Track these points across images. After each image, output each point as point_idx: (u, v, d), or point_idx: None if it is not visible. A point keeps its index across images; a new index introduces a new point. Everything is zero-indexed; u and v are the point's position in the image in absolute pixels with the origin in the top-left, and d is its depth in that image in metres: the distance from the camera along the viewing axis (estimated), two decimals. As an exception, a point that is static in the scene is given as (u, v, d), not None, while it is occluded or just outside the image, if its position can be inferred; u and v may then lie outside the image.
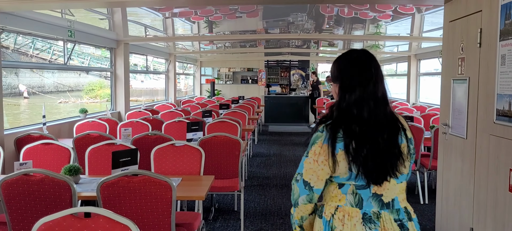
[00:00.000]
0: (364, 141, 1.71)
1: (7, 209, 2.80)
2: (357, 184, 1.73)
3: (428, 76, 11.94)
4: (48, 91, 26.03)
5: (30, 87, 24.27)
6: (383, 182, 1.73)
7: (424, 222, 4.91)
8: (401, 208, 1.78)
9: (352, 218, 1.72)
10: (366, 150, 1.70)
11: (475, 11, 3.48)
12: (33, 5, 4.98)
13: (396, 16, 8.31)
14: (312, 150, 1.78)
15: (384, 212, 1.73)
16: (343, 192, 1.75)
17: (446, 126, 4.02)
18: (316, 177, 1.74)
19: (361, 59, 1.82)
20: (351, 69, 1.80)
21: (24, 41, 18.06)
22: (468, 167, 3.61)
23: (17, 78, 22.06)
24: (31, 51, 21.13)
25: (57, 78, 27.12)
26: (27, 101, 23.30)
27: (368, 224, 1.70)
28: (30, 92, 24.19)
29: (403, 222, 1.75)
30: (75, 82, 28.25)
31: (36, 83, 26.00)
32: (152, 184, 2.72)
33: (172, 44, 11.39)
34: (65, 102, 23.02)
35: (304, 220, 1.85)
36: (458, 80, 3.78)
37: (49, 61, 18.61)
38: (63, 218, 1.91)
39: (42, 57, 22.26)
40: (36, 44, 21.73)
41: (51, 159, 4.01)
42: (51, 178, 2.73)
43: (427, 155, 5.93)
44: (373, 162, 1.70)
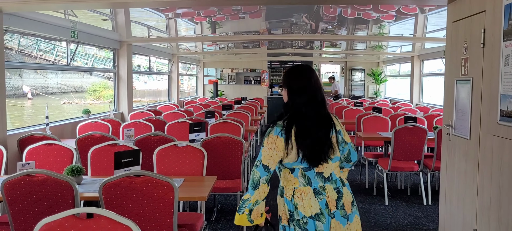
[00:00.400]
0: (309, 133, 2.23)
1: (9, 210, 2.80)
2: (303, 167, 2.26)
3: (432, 77, 11.91)
4: (52, 93, 26.10)
5: (34, 88, 24.35)
6: (321, 164, 2.26)
7: (427, 223, 4.89)
8: (337, 178, 2.33)
9: (306, 195, 2.27)
10: (309, 140, 2.23)
11: (478, 12, 3.46)
12: (36, 6, 5.00)
13: (399, 16, 8.28)
14: (267, 140, 2.27)
15: (327, 184, 2.29)
16: (295, 175, 2.29)
17: (450, 127, 4.00)
18: (272, 161, 2.23)
19: (304, 71, 2.35)
20: (298, 79, 2.32)
21: (28, 42, 18.13)
22: (471, 167, 3.59)
23: (21, 80, 22.13)
24: (35, 53, 21.19)
25: (60, 79, 27.20)
26: (31, 102, 23.38)
27: (318, 195, 2.27)
28: (34, 93, 24.26)
29: (339, 188, 2.32)
30: (79, 84, 28.31)
31: (40, 84, 26.08)
32: (154, 185, 2.72)
33: (175, 45, 11.40)
34: (69, 104, 23.09)
35: (257, 204, 2.29)
36: (462, 80, 3.76)
37: (52, 62, 18.68)
38: (64, 218, 1.91)
39: (46, 58, 22.34)
40: (40, 46, 21.80)
41: (54, 159, 4.01)
42: (53, 179, 2.74)
43: (431, 155, 5.91)
44: (312, 150, 2.23)
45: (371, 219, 5.03)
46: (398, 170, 5.63)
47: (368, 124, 7.12)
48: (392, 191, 6.19)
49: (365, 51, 13.50)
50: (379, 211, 5.30)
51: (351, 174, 7.31)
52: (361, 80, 16.08)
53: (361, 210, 5.34)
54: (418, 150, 5.57)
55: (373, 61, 15.80)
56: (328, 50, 13.86)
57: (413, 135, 5.52)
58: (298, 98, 2.27)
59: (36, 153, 4.03)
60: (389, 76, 15.69)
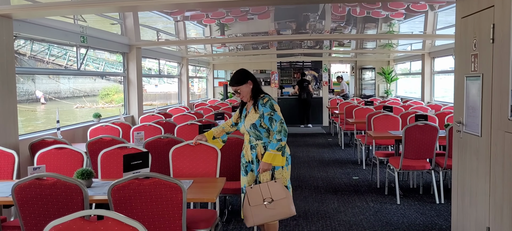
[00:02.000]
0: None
1: (20, 213, 2.83)
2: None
3: (443, 74, 11.78)
4: (64, 97, 26.43)
5: (46, 93, 24.67)
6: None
7: (439, 222, 4.83)
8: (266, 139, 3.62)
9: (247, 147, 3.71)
10: None
11: (487, 7, 3.41)
12: (45, 12, 5.05)
13: (409, 14, 8.21)
14: (276, 106, 3.64)
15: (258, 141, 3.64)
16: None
17: (460, 124, 3.95)
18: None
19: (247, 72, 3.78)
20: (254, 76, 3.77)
21: (40, 48, 18.37)
22: (483, 165, 3.54)
23: (34, 85, 22.45)
24: (47, 58, 21.48)
25: (72, 84, 27.54)
26: (44, 107, 23.69)
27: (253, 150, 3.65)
28: (46, 98, 24.60)
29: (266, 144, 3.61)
30: (90, 88, 28.63)
31: (53, 89, 26.42)
32: (162, 187, 2.73)
33: (184, 48, 11.44)
34: (81, 108, 23.33)
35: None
36: (472, 77, 3.71)
37: (65, 67, 18.90)
38: (73, 221, 1.93)
39: (58, 63, 22.63)
40: (52, 51, 22.08)
41: (64, 163, 4.05)
42: (62, 182, 2.76)
43: (442, 154, 5.84)
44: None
45: (382, 218, 4.99)
46: (410, 169, 5.58)
47: (378, 123, 7.07)
48: (404, 190, 6.14)
49: (375, 50, 13.41)
50: (391, 211, 5.25)
51: (362, 173, 7.27)
52: (371, 79, 15.97)
53: (373, 209, 5.30)
54: (429, 148, 5.51)
55: (383, 59, 15.68)
56: (338, 49, 13.80)
57: (424, 133, 5.46)
58: (260, 86, 3.76)
59: (47, 157, 4.07)
60: (399, 75, 15.56)
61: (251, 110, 3.65)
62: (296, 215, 5.11)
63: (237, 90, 3.69)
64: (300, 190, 6.30)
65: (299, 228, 4.72)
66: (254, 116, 3.61)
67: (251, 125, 3.60)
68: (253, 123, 3.59)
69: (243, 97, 3.71)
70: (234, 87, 3.69)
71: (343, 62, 16.48)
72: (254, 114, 3.61)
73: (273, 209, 3.45)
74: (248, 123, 3.62)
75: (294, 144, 10.66)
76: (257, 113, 3.60)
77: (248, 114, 3.67)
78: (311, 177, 7.08)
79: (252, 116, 3.62)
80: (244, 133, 3.76)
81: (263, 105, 3.57)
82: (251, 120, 3.61)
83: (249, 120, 3.63)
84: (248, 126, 3.62)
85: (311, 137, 12.18)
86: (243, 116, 3.75)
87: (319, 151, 9.58)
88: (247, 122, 3.64)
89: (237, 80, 3.66)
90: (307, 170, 7.62)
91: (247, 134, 3.71)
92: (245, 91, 3.66)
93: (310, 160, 8.55)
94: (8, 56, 4.64)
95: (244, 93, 3.67)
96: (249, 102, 3.75)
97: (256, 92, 3.68)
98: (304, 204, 5.58)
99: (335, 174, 7.28)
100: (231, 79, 3.72)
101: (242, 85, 3.64)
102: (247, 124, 3.63)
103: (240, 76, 3.68)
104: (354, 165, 7.98)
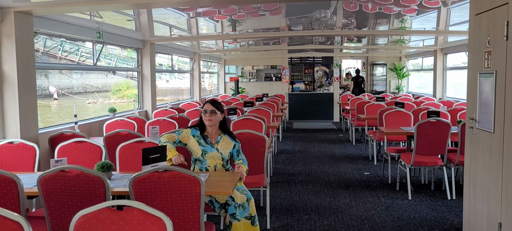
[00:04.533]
0: None
1: (45, 204, 2.94)
2: None
3: (456, 70, 11.73)
4: (77, 92, 26.73)
5: (59, 88, 24.98)
6: None
7: (451, 218, 4.87)
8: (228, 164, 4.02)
9: None
10: None
11: (501, 4, 3.44)
12: (64, 8, 5.17)
13: (421, 10, 8.21)
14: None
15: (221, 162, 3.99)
16: None
17: (473, 120, 3.98)
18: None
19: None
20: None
21: (53, 44, 18.59)
22: (496, 161, 3.57)
23: (47, 80, 22.71)
24: (59, 54, 21.73)
25: (85, 79, 27.83)
26: (57, 102, 24.00)
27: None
28: (59, 94, 24.91)
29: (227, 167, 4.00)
30: (102, 83, 28.91)
31: (65, 84, 26.74)
32: (181, 179, 2.82)
33: (197, 44, 11.54)
34: (94, 103, 23.60)
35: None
36: (485, 74, 3.74)
37: (77, 63, 19.12)
38: (100, 210, 2.02)
39: (70, 59, 22.88)
40: (65, 47, 22.31)
41: (84, 156, 4.17)
42: (86, 174, 2.86)
43: (454, 150, 5.86)
44: None
45: (394, 213, 5.04)
46: (421, 165, 5.61)
47: (390, 119, 7.09)
48: (416, 186, 6.17)
49: (387, 46, 13.38)
50: (402, 206, 5.30)
51: (374, 169, 7.31)
52: (382, 75, 15.94)
53: (384, 204, 5.35)
54: (441, 144, 5.54)
55: (395, 55, 15.63)
56: (349, 45, 13.80)
57: (437, 129, 5.49)
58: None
59: (67, 150, 4.19)
60: (411, 71, 15.51)
61: (222, 140, 3.96)
62: (308, 209, 5.20)
63: (213, 112, 3.88)
64: (312, 184, 6.37)
65: (311, 222, 4.79)
66: (229, 146, 3.97)
67: (229, 153, 3.97)
68: (230, 151, 3.97)
69: (212, 123, 3.89)
70: (213, 107, 3.90)
71: (354, 58, 16.45)
72: (227, 145, 3.97)
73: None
74: (226, 151, 3.94)
75: (305, 139, 10.72)
76: (231, 144, 3.98)
77: (219, 143, 3.94)
78: (322, 172, 7.15)
79: (227, 145, 3.96)
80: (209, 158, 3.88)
81: (235, 140, 4.01)
82: (228, 149, 3.96)
83: (226, 149, 3.95)
84: (227, 154, 3.94)
85: (322, 132, 12.22)
86: (208, 142, 3.91)
87: (330, 147, 9.63)
88: (224, 150, 3.93)
89: (217, 107, 3.94)
90: (318, 165, 7.68)
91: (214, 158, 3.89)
92: (217, 119, 3.93)
93: (321, 155, 8.60)
94: (29, 52, 4.77)
95: (216, 120, 3.92)
96: (213, 133, 3.96)
97: (224, 125, 4.04)
98: (316, 199, 5.65)
99: (347, 169, 7.33)
100: (212, 101, 3.98)
101: (218, 112, 3.92)
102: (224, 152, 3.93)
103: (220, 105, 3.99)
104: (365, 161, 8.03)
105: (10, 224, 1.91)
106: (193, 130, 3.96)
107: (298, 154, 8.78)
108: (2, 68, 4.64)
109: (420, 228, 4.58)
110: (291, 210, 5.23)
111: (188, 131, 3.96)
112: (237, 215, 3.58)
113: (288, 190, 6.11)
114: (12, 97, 4.64)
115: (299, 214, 5.05)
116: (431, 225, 4.67)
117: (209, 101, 3.97)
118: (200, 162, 3.90)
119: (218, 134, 3.98)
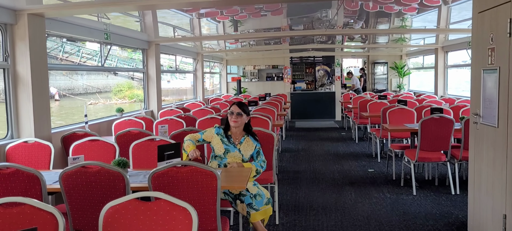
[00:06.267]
0: None
1: (67, 199, 3.05)
2: None
3: (455, 68, 11.85)
4: (78, 93, 26.80)
5: (60, 89, 25.02)
6: None
7: (456, 212, 4.98)
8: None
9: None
10: None
11: (504, 2, 3.54)
12: (74, 11, 5.28)
13: (422, 9, 8.31)
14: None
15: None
16: None
17: (477, 116, 4.09)
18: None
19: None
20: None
21: (54, 45, 18.62)
22: (500, 155, 3.68)
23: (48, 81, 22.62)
24: (61, 55, 21.77)
25: (86, 80, 27.89)
26: (58, 103, 24.05)
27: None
28: (60, 95, 24.96)
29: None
30: (104, 84, 28.98)
31: (66, 85, 26.80)
32: (198, 174, 2.92)
33: (200, 44, 11.65)
34: (95, 104, 23.68)
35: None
36: (489, 70, 3.85)
37: (78, 64, 19.17)
38: (128, 201, 2.13)
39: (71, 60, 22.91)
40: (65, 48, 22.33)
41: (98, 154, 4.27)
42: (106, 170, 2.97)
43: (458, 146, 5.97)
44: None
45: (399, 208, 5.15)
46: (425, 161, 5.72)
47: (393, 116, 7.20)
48: (420, 182, 6.28)
49: (388, 45, 13.50)
50: (407, 201, 5.41)
51: (377, 166, 7.42)
52: (383, 74, 16.06)
53: (390, 200, 5.46)
54: (445, 140, 5.64)
55: (396, 54, 15.75)
56: (350, 44, 13.90)
57: (440, 126, 5.60)
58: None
59: (82, 148, 4.30)
60: (412, 69, 15.62)
61: (245, 141, 4.10)
62: (314, 206, 5.30)
63: (239, 114, 4.03)
64: (317, 182, 6.48)
65: (318, 219, 4.89)
66: (251, 148, 4.10)
67: (250, 155, 4.10)
68: (251, 154, 4.11)
69: (236, 124, 4.05)
70: (239, 110, 4.04)
71: (355, 57, 16.57)
72: (249, 146, 4.10)
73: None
74: (247, 153, 4.08)
75: (308, 138, 10.83)
76: (253, 146, 4.10)
77: (242, 144, 4.08)
78: (327, 170, 7.25)
79: (249, 147, 4.09)
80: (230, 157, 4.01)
81: (257, 141, 4.15)
82: (249, 151, 4.09)
83: (248, 151, 4.08)
84: (248, 156, 4.08)
85: (324, 131, 12.33)
86: (231, 142, 4.06)
87: (334, 145, 9.74)
88: (246, 151, 4.07)
89: (244, 109, 4.09)
90: (323, 164, 7.79)
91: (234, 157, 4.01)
92: (242, 121, 4.09)
93: (325, 154, 8.71)
94: (41, 54, 4.88)
95: (241, 122, 4.08)
96: (237, 133, 4.12)
97: (249, 127, 4.19)
98: (322, 196, 5.76)
99: (351, 167, 7.44)
100: (239, 104, 4.10)
101: (244, 115, 4.07)
102: (246, 154, 4.07)
103: (246, 108, 4.14)
104: (368, 158, 8.14)
105: (45, 215, 2.01)
106: (217, 128, 4.13)
107: (302, 152, 8.89)
108: (16, 70, 4.74)
109: (425, 222, 4.69)
110: (298, 206, 5.34)
111: (212, 130, 4.14)
112: (255, 205, 3.71)
113: (295, 187, 6.22)
114: (26, 98, 4.75)
115: (306, 211, 5.16)
116: (436, 219, 4.77)
117: (236, 104, 4.08)
118: (221, 158, 4.05)
119: (241, 135, 4.12)
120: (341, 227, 4.63)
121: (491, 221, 3.87)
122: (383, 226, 4.61)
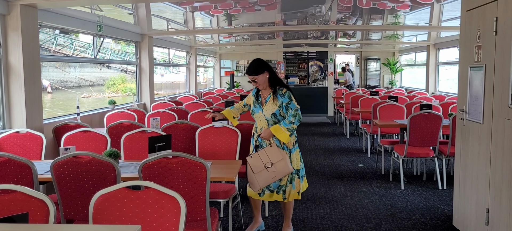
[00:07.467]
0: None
1: (58, 189, 3.09)
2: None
3: (448, 65, 11.96)
4: (71, 86, 26.65)
5: (53, 82, 24.87)
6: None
7: (442, 206, 5.07)
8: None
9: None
10: None
11: (491, 1, 3.62)
12: (68, 2, 5.29)
13: (414, 6, 8.40)
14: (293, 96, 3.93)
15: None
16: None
17: (464, 112, 4.17)
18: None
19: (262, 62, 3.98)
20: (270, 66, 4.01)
21: (46, 37, 18.50)
22: (484, 150, 3.77)
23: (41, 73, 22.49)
24: (53, 47, 21.63)
25: (78, 73, 27.74)
26: (50, 96, 23.92)
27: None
28: (53, 87, 24.81)
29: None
30: (97, 77, 28.84)
31: (59, 78, 26.63)
32: (188, 165, 2.97)
33: (193, 37, 11.66)
34: (88, 97, 23.58)
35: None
36: (475, 67, 3.93)
37: (71, 57, 19.08)
38: (118, 190, 2.17)
39: (64, 52, 22.77)
40: (58, 40, 22.19)
41: (90, 145, 4.31)
42: (97, 160, 3.01)
43: (446, 142, 6.07)
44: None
45: (387, 202, 5.24)
46: (414, 156, 5.81)
47: (384, 112, 7.29)
48: (408, 176, 6.37)
49: (381, 41, 13.59)
50: (395, 195, 5.50)
51: (367, 161, 7.51)
52: (376, 70, 16.16)
53: (378, 194, 5.55)
54: (433, 136, 5.73)
55: (388, 50, 15.86)
56: (343, 40, 13.99)
57: (429, 122, 5.69)
58: (277, 76, 4.02)
59: (73, 139, 4.33)
60: (404, 66, 15.74)
61: (270, 99, 3.90)
62: (304, 199, 5.38)
63: (254, 79, 3.90)
64: (307, 175, 6.49)
65: (308, 211, 4.96)
66: (274, 106, 3.88)
67: (272, 114, 3.87)
68: (273, 112, 3.87)
69: (259, 86, 3.94)
70: (251, 76, 3.90)
71: (349, 53, 16.66)
72: (273, 104, 3.88)
73: (274, 171, 3.80)
74: (268, 112, 3.88)
75: (299, 132, 10.87)
76: (277, 103, 3.88)
77: (266, 103, 3.91)
78: (318, 164, 7.33)
79: (271, 106, 3.89)
80: (257, 119, 4.00)
81: (282, 96, 3.87)
82: (271, 110, 3.88)
83: (269, 109, 3.88)
84: (269, 115, 3.88)
85: (316, 126, 12.41)
86: (258, 102, 3.99)
87: (325, 140, 9.82)
88: (267, 111, 3.89)
89: (254, 70, 3.88)
90: (313, 158, 7.87)
91: (260, 120, 3.96)
92: (261, 81, 3.90)
93: (316, 148, 8.79)
94: (34, 44, 4.89)
95: (261, 82, 3.90)
96: (265, 91, 3.98)
97: (274, 81, 3.95)
98: (312, 189, 5.83)
99: (341, 161, 7.53)
100: (248, 69, 3.93)
101: (259, 75, 3.87)
102: (267, 113, 3.89)
103: (256, 66, 3.89)
104: (359, 153, 8.23)
105: (36, 202, 2.06)
106: (254, 90, 4.10)
107: (293, 146, 8.94)
108: (9, 60, 4.75)
109: (412, 216, 4.78)
110: (288, 199, 5.40)
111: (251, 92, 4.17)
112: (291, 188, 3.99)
113: (285, 180, 6.27)
114: (18, 88, 4.76)
115: (296, 203, 5.22)
116: (422, 213, 4.87)
117: (247, 71, 3.95)
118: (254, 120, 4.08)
119: (268, 93, 3.97)
120: (330, 218, 4.71)
121: (474, 215, 3.97)
122: (370, 218, 4.69)
